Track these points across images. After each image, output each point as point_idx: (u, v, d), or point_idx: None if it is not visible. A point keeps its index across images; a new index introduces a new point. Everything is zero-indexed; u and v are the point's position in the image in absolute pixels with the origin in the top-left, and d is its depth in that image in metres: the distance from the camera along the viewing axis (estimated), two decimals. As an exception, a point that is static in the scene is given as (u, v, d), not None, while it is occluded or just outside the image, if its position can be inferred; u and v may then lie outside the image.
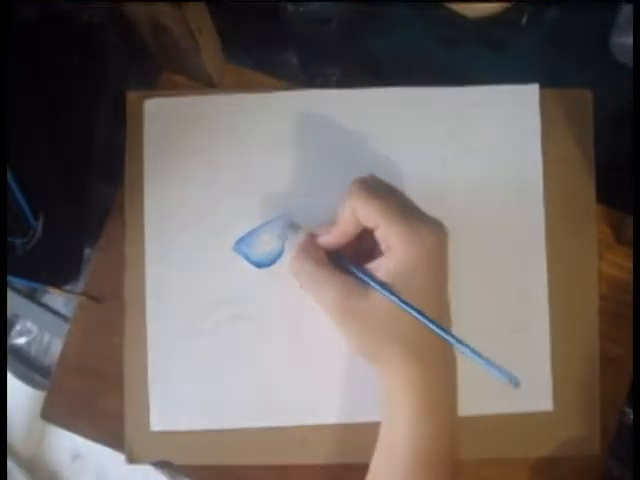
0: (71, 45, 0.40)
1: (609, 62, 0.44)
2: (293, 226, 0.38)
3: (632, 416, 0.41)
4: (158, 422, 0.40)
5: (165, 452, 0.40)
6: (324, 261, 0.35)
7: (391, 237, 0.33)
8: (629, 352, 0.40)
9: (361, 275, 0.34)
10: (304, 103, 0.42)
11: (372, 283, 0.33)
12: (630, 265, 0.42)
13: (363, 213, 0.33)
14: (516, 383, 0.31)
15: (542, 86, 0.42)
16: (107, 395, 0.41)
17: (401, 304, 0.32)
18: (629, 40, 0.42)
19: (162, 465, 0.40)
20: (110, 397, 0.41)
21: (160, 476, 0.41)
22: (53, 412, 0.42)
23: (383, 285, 0.33)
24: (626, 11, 0.42)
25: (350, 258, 0.35)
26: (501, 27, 0.45)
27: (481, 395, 0.38)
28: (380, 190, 0.35)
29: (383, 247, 0.34)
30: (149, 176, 0.42)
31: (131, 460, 0.40)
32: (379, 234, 0.34)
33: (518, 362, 0.40)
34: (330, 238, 0.35)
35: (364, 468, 0.36)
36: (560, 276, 0.41)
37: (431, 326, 0.32)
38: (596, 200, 0.42)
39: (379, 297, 0.33)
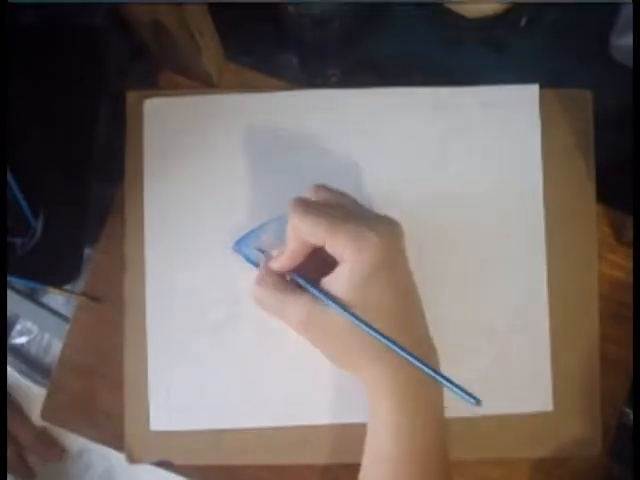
0: (71, 45, 0.40)
1: (609, 62, 0.44)
2: (261, 251, 0.38)
3: (632, 416, 0.41)
4: (158, 422, 0.40)
5: (165, 452, 0.40)
6: (283, 284, 0.35)
7: (338, 248, 0.33)
8: (629, 352, 0.40)
9: (313, 291, 0.34)
10: (304, 103, 0.42)
11: (324, 299, 0.33)
12: (630, 265, 0.42)
13: (306, 231, 0.33)
14: (479, 402, 0.30)
15: (542, 86, 0.42)
16: (107, 395, 0.41)
17: (351, 317, 0.32)
18: (629, 41, 0.42)
19: (162, 465, 0.40)
20: (110, 397, 0.41)
21: (164, 473, 0.41)
22: (53, 412, 0.42)
23: (335, 300, 0.33)
24: (626, 12, 0.42)
25: (312, 274, 0.35)
26: (501, 27, 0.45)
27: (481, 395, 0.38)
28: (319, 204, 0.35)
29: (337, 259, 0.34)
30: (149, 176, 0.42)
31: (131, 460, 0.40)
32: (328, 248, 0.33)
33: (518, 362, 0.40)
34: (281, 261, 0.35)
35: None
36: (560, 276, 0.41)
37: (382, 340, 0.32)
38: (596, 200, 0.42)
39: None
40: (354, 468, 0.36)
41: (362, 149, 0.42)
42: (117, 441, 0.41)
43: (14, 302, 0.46)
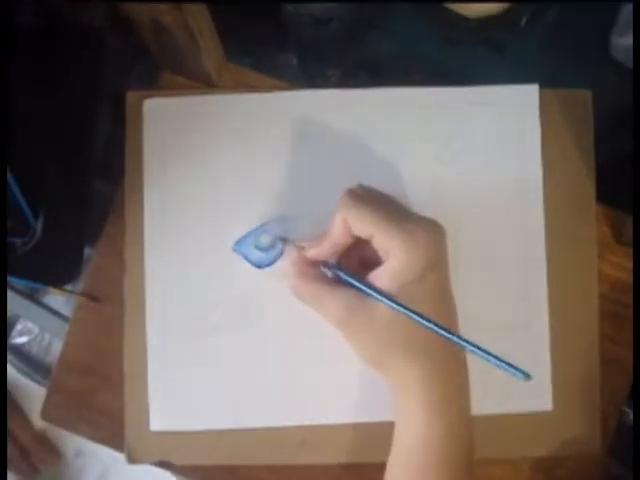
0: (71, 45, 0.40)
1: (609, 62, 0.44)
2: (283, 240, 0.38)
3: (632, 416, 0.41)
4: (158, 422, 0.40)
5: (165, 452, 0.40)
6: (323, 276, 0.35)
7: (388, 244, 0.33)
8: (629, 352, 0.40)
9: (362, 287, 0.33)
10: (304, 103, 0.42)
11: (374, 294, 0.33)
12: (630, 265, 0.42)
13: (356, 224, 0.33)
14: (528, 376, 0.31)
15: (542, 86, 0.42)
16: (107, 395, 0.41)
17: (405, 311, 0.32)
18: (629, 40, 0.42)
19: (162, 465, 0.40)
20: (110, 397, 0.41)
21: (162, 473, 0.41)
22: (53, 412, 0.42)
23: (385, 294, 0.32)
24: (626, 11, 0.42)
25: (353, 269, 0.35)
26: (501, 27, 0.45)
27: (481, 395, 0.38)
28: (370, 199, 0.35)
29: (382, 255, 0.34)
30: (149, 176, 0.42)
31: (131, 460, 0.40)
32: (376, 243, 0.33)
33: (518, 362, 0.40)
34: (319, 251, 0.35)
35: (365, 468, 0.36)
36: (560, 276, 0.41)
37: (437, 330, 0.32)
38: (596, 200, 0.42)
39: (382, 307, 0.33)
40: (355, 468, 0.36)
41: (362, 149, 0.41)
42: (117, 441, 0.41)
43: (14, 302, 0.46)
